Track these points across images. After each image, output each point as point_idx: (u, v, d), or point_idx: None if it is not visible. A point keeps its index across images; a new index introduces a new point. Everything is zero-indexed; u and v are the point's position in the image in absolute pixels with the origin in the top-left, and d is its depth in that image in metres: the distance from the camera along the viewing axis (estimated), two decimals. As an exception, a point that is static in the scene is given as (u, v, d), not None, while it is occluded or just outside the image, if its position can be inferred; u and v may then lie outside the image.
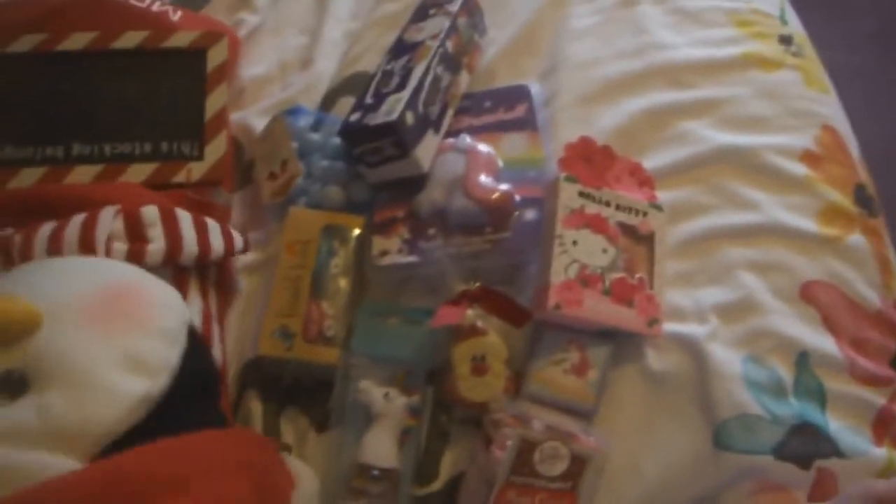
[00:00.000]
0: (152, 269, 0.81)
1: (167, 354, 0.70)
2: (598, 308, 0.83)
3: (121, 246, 0.82)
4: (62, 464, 0.62)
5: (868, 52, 2.16)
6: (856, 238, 0.94)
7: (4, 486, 0.60)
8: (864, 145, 1.07)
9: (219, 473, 0.66)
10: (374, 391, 0.83)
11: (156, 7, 1.11)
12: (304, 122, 1.02)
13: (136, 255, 0.81)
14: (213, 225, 0.87)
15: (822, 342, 0.87)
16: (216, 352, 0.85)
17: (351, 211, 0.95)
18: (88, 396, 0.65)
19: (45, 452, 0.62)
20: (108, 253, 0.81)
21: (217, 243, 0.86)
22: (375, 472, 0.80)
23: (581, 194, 0.89)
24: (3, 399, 0.64)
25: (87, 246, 0.80)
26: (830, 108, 1.06)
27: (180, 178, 0.95)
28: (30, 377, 0.64)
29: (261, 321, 0.89)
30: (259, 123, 1.06)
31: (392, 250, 0.90)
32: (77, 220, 0.83)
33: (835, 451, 0.81)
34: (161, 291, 0.75)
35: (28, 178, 0.96)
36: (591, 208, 0.88)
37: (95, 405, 0.65)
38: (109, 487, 0.61)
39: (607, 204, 0.89)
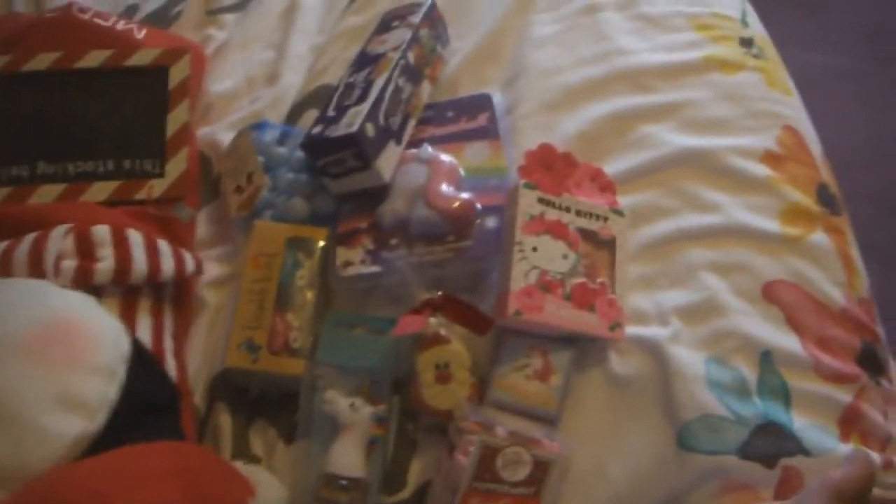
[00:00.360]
0: (102, 288, 0.82)
1: (105, 390, 0.70)
2: (559, 313, 0.84)
3: (69, 264, 0.82)
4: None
5: (853, 53, 2.18)
6: (818, 237, 0.95)
7: None
8: (837, 145, 1.08)
9: (143, 484, 0.66)
10: (339, 401, 0.83)
11: (120, 26, 1.11)
12: (269, 136, 1.03)
13: (84, 273, 0.82)
14: (164, 246, 0.88)
15: (786, 341, 0.88)
16: (170, 368, 0.85)
17: (316, 223, 0.96)
18: (24, 439, 0.65)
19: None
20: (56, 271, 0.81)
21: (167, 265, 0.87)
22: (343, 482, 0.80)
23: (540, 201, 0.89)
24: None
25: (35, 264, 0.81)
26: (792, 109, 1.06)
27: (142, 195, 0.96)
28: None
29: (227, 334, 0.89)
30: (227, 138, 1.07)
31: (355, 261, 0.90)
32: (28, 238, 0.84)
33: (800, 448, 0.82)
34: (99, 324, 0.75)
35: (-8, 194, 0.96)
36: (551, 214, 0.89)
37: (32, 447, 0.65)
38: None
39: (567, 210, 0.90)
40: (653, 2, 1.17)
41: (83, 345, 0.71)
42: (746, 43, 1.12)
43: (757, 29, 1.16)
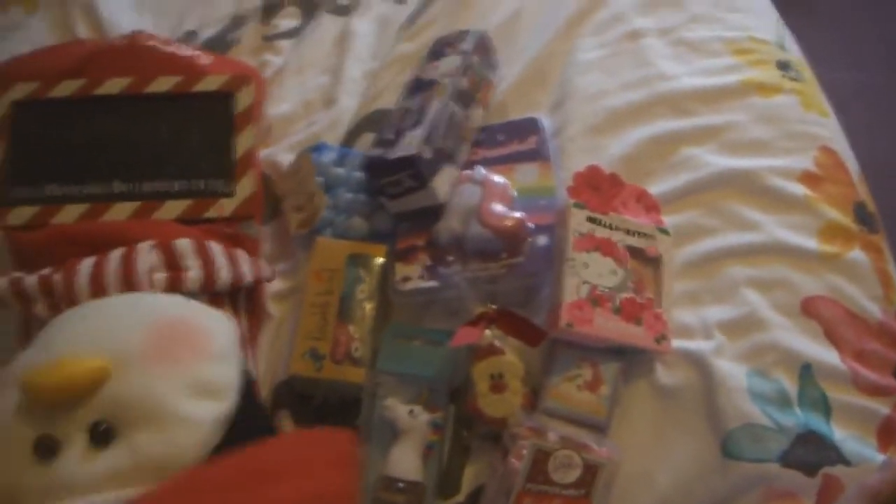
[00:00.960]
0: (190, 297, 0.87)
1: (229, 374, 0.77)
2: (608, 326, 0.88)
3: (161, 275, 0.88)
4: None
5: (873, 70, 2.20)
6: (856, 254, 0.99)
7: None
8: (870, 161, 1.11)
9: (311, 470, 0.72)
10: (399, 408, 0.88)
11: (185, 52, 1.17)
12: (328, 157, 1.08)
13: (175, 283, 0.88)
14: (242, 254, 0.93)
15: (825, 355, 0.91)
16: (250, 370, 0.90)
17: (374, 240, 1.01)
18: (172, 430, 0.72)
19: (144, 488, 0.69)
20: (150, 284, 0.87)
21: (247, 271, 0.93)
22: (401, 485, 0.85)
23: (590, 219, 0.94)
24: (97, 450, 0.71)
25: (128, 279, 0.86)
26: (829, 130, 1.10)
27: (213, 213, 1.01)
28: (115, 424, 0.71)
29: (291, 344, 0.94)
30: (286, 159, 1.12)
31: (413, 276, 0.95)
32: (115, 255, 0.89)
33: (840, 458, 0.85)
34: (206, 316, 0.81)
35: (71, 214, 1.02)
36: (600, 232, 0.94)
37: (180, 436, 0.72)
38: (232, 477, 0.69)
39: (615, 228, 0.94)
40: (692, 28, 1.22)
41: (200, 337, 0.78)
42: (783, 66, 1.16)
43: (794, 52, 1.20)
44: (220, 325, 0.81)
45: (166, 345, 0.75)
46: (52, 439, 0.71)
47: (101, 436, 0.71)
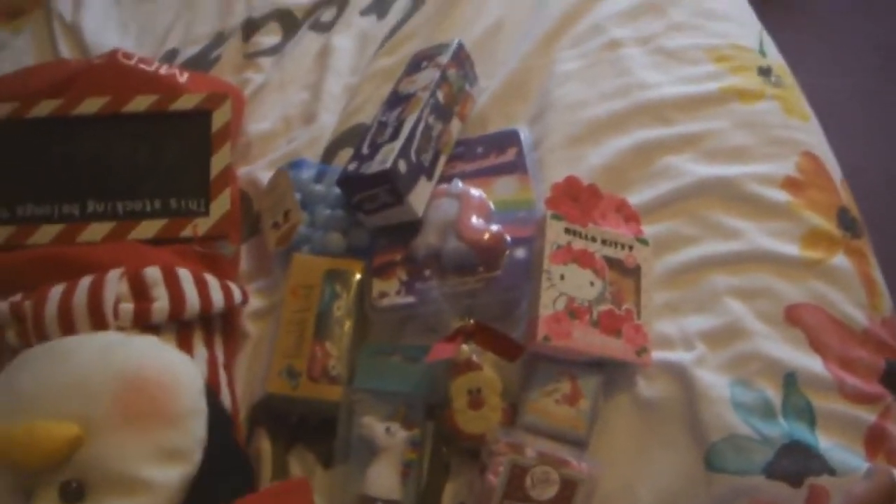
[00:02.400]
0: (159, 326, 0.88)
1: (195, 432, 0.79)
2: (586, 339, 0.87)
3: (127, 307, 0.87)
4: None
5: (866, 76, 2.20)
6: (839, 260, 0.97)
7: None
8: (861, 167, 1.10)
9: None
10: (376, 426, 0.87)
11: (164, 70, 1.17)
12: (306, 173, 1.07)
13: (142, 315, 0.87)
14: (212, 280, 0.93)
15: (809, 363, 0.90)
16: (225, 398, 0.90)
17: (352, 256, 1.00)
18: (138, 495, 0.74)
19: None
20: (115, 314, 0.87)
21: (217, 297, 0.92)
22: (380, 504, 0.83)
23: (567, 231, 0.93)
24: None
25: (95, 310, 0.86)
26: (811, 135, 1.09)
27: (188, 233, 1.01)
28: (85, 484, 0.73)
29: (269, 362, 0.93)
30: (265, 176, 1.12)
31: (390, 292, 0.94)
32: (84, 283, 0.89)
33: (826, 468, 0.83)
34: (172, 368, 0.82)
35: (46, 234, 1.02)
36: (578, 244, 0.92)
37: (145, 500, 0.74)
38: None
39: (593, 239, 0.93)
40: (672, 36, 1.21)
41: (164, 396, 0.79)
42: (764, 72, 1.15)
43: (774, 57, 1.20)
44: (187, 377, 0.82)
45: (133, 410, 0.76)
46: (25, 491, 0.73)
47: (72, 494, 0.73)
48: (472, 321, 0.90)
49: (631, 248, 0.94)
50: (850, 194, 1.07)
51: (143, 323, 0.87)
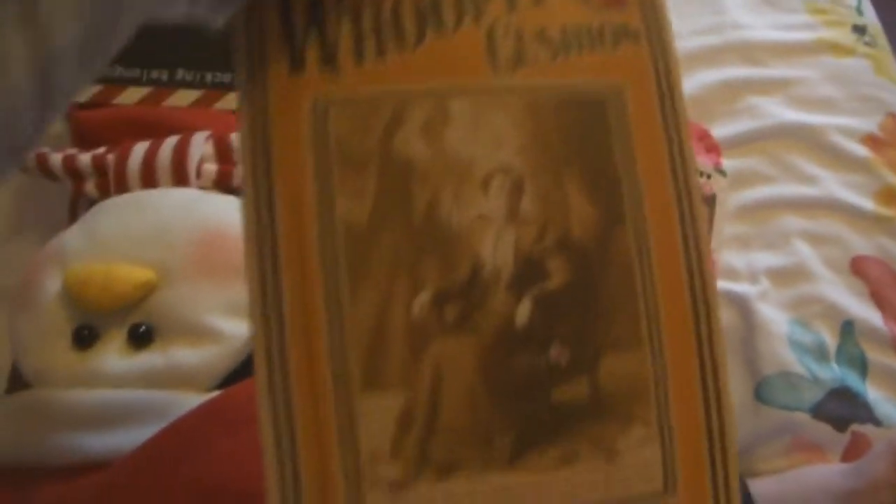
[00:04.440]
0: (239, 191, 0.88)
1: None
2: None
3: (210, 167, 0.88)
4: (188, 399, 0.71)
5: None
6: (911, 220, 0.97)
7: (141, 418, 0.70)
8: None
9: None
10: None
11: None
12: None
13: (224, 176, 0.87)
14: None
15: (869, 314, 0.91)
16: None
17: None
18: (207, 345, 0.73)
19: (173, 391, 0.72)
20: (198, 174, 0.87)
21: None
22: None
23: (649, 151, 0.93)
24: (133, 349, 0.73)
25: (179, 167, 0.87)
26: (898, 98, 1.09)
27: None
28: (154, 329, 0.73)
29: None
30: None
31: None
32: (170, 142, 0.89)
33: (871, 417, 0.85)
34: None
35: (133, 95, 1.01)
36: (658, 166, 0.93)
37: (212, 351, 0.73)
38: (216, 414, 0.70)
39: (673, 163, 0.94)
40: (770, -18, 1.20)
41: (240, 252, 0.78)
42: (859, 30, 1.14)
43: (871, 18, 1.18)
44: None
45: (210, 261, 0.76)
46: (93, 330, 0.73)
47: (141, 337, 0.73)
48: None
49: (709, 176, 0.95)
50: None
51: (226, 185, 0.87)
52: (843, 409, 0.85)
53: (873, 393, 0.87)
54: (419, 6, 0.33)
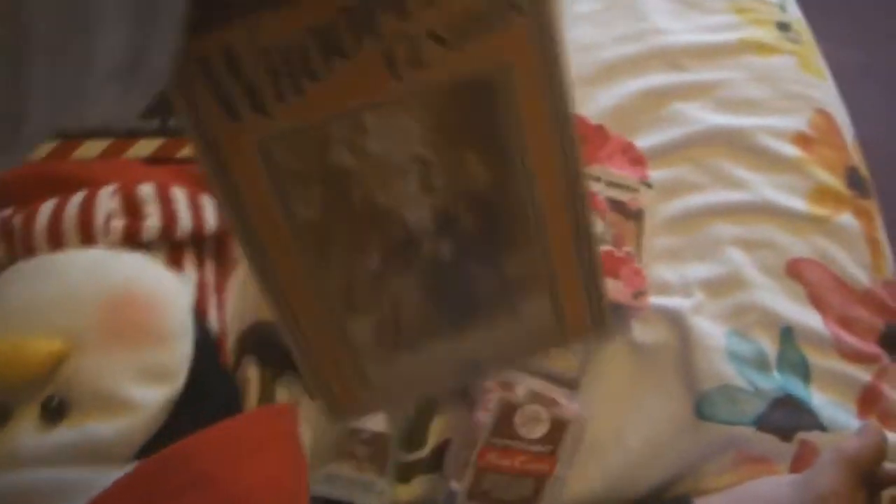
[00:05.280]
0: (150, 244, 0.85)
1: (182, 352, 0.76)
2: (584, 279, 0.86)
3: (118, 223, 0.85)
4: (106, 477, 0.69)
5: (881, 48, 2.17)
6: (846, 218, 0.96)
7: (61, 499, 0.68)
8: (885, 143, 1.08)
9: (245, 460, 0.72)
10: (365, 357, 0.86)
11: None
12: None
13: (132, 231, 0.85)
14: (207, 202, 0.90)
15: (808, 318, 0.89)
16: (213, 322, 0.88)
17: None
18: (122, 416, 0.72)
19: (91, 468, 0.70)
20: (106, 231, 0.84)
21: (211, 219, 0.90)
22: (364, 435, 0.83)
23: (571, 170, 0.91)
24: (47, 424, 0.71)
25: (85, 226, 0.84)
26: (825, 94, 1.07)
27: (185, 152, 0.98)
28: (67, 401, 0.72)
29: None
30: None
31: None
32: (76, 200, 0.86)
33: (817, 424, 0.83)
34: (159, 285, 0.79)
35: (40, 149, 0.98)
36: (581, 184, 0.91)
37: (127, 422, 0.72)
38: (156, 481, 0.69)
39: (597, 180, 0.91)
40: (692, -17, 1.18)
41: (151, 314, 0.76)
42: (783, 27, 1.12)
43: (794, 14, 1.17)
44: (174, 297, 0.79)
45: (119, 325, 0.74)
46: (3, 406, 0.71)
47: (54, 411, 0.71)
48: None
49: (635, 191, 0.92)
50: (861, 155, 1.05)
51: (134, 240, 0.85)
52: (787, 418, 0.83)
53: (818, 398, 0.85)
54: (324, 44, 0.38)
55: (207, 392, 0.80)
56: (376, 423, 0.83)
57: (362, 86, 0.39)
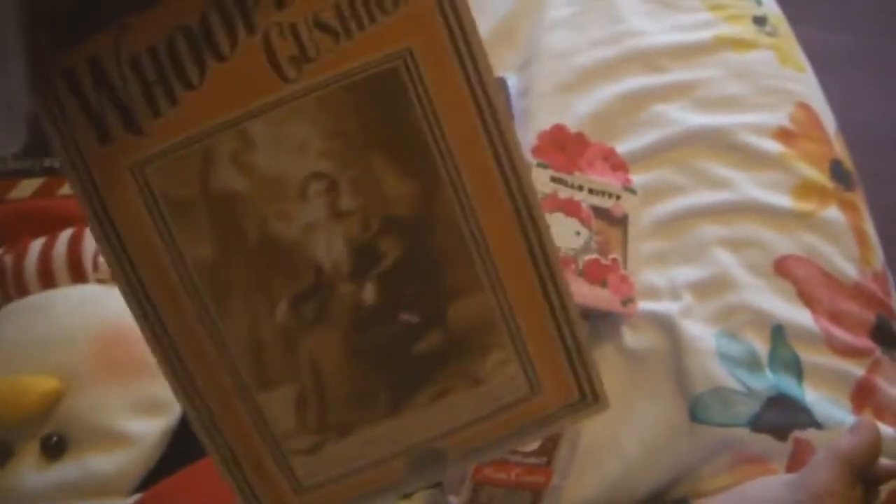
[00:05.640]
0: None
1: None
2: (572, 289, 0.85)
3: None
4: None
5: (873, 35, 2.16)
6: (831, 212, 0.96)
7: None
8: (869, 127, 1.08)
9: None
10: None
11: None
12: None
13: None
14: None
15: (798, 315, 0.89)
16: None
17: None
18: (120, 449, 0.73)
19: (91, 502, 0.71)
20: (94, 266, 0.85)
21: None
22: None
23: (553, 179, 0.91)
24: (48, 461, 0.72)
25: (74, 262, 0.85)
26: (805, 86, 1.07)
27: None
28: (66, 438, 0.73)
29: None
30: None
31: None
32: (64, 237, 0.87)
33: (812, 421, 0.83)
34: None
35: (27, 188, 0.98)
36: (564, 193, 0.90)
37: (125, 456, 0.73)
38: None
39: (580, 188, 0.91)
40: (666, -18, 1.18)
41: (143, 347, 0.76)
42: (759, 21, 1.12)
43: (770, 7, 1.17)
44: None
45: (112, 360, 0.75)
46: (4, 446, 0.73)
47: (54, 448, 0.72)
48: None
49: (618, 197, 0.92)
50: (844, 146, 1.04)
51: None
52: (781, 417, 0.83)
53: (811, 395, 0.85)
54: (192, 43, 0.33)
55: None
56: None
57: (243, 89, 0.34)
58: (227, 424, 0.39)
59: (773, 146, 0.99)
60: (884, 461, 0.75)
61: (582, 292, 0.86)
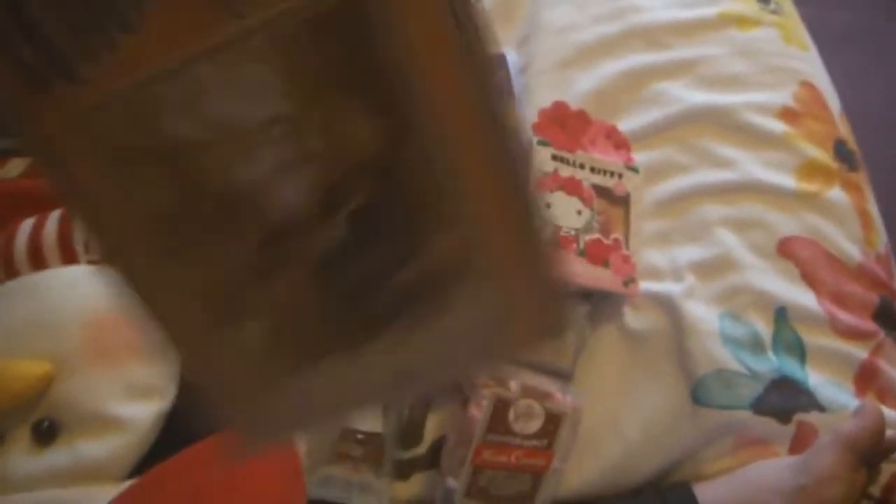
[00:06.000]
0: None
1: (169, 367, 0.75)
2: (573, 269, 0.84)
3: None
4: (101, 493, 0.68)
5: (875, 12, 2.15)
6: (835, 193, 0.94)
7: None
8: (870, 105, 1.06)
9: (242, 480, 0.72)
10: (355, 357, 0.84)
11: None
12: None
13: None
14: None
15: (801, 297, 0.88)
16: None
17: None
18: (112, 434, 0.71)
19: (85, 488, 0.69)
20: (86, 248, 0.84)
21: None
22: (360, 436, 0.81)
23: (554, 157, 0.89)
24: (39, 446, 0.71)
25: (65, 244, 0.83)
26: (809, 65, 1.05)
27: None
28: (57, 423, 0.71)
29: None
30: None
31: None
32: (54, 217, 0.85)
33: (814, 404, 0.82)
34: None
35: (16, 167, 0.97)
36: (565, 171, 0.89)
37: (118, 440, 0.71)
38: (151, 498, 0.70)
39: (581, 167, 0.90)
40: (669, -41, 1.16)
41: (133, 330, 0.75)
42: (763, -1, 1.11)
43: (774, -16, 1.15)
44: None
45: (103, 344, 0.74)
46: None
47: (45, 433, 0.71)
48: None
49: (620, 176, 0.91)
50: (848, 126, 1.03)
51: None
52: (784, 400, 0.82)
53: (814, 377, 0.84)
54: None
55: (198, 406, 0.79)
56: (371, 423, 0.82)
57: (188, 29, 0.30)
58: (203, 348, 0.39)
59: (777, 125, 0.97)
60: (888, 432, 0.75)
61: (583, 272, 0.84)
